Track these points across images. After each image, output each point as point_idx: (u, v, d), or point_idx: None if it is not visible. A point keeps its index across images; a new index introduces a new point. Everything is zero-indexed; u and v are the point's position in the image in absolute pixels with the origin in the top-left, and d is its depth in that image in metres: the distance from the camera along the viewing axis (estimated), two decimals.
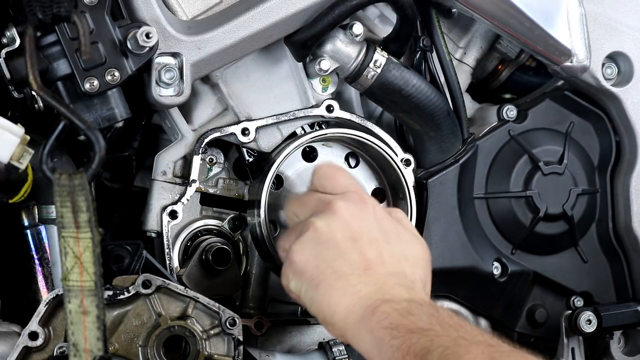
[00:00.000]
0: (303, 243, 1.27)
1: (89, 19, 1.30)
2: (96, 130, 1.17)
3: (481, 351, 1.04)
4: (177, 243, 1.53)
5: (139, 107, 1.45)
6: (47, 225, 1.48)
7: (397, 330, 1.11)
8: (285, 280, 1.29)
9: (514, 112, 1.68)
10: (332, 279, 1.22)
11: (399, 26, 1.52)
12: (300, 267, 1.25)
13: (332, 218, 1.28)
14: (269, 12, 1.42)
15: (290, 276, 1.27)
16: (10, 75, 1.31)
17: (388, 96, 1.53)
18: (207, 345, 1.37)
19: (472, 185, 1.64)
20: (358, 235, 1.26)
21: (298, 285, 1.26)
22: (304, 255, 1.26)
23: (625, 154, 1.70)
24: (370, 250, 1.25)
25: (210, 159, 1.55)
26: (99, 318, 1.16)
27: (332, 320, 1.22)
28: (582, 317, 1.62)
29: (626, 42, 1.66)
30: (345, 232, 1.26)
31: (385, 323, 1.13)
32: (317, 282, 1.23)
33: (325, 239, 1.26)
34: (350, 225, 1.27)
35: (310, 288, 1.23)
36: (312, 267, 1.24)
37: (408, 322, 1.12)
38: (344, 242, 1.25)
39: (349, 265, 1.23)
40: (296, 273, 1.26)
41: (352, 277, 1.22)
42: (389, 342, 1.11)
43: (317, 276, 1.23)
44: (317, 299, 1.23)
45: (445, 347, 1.05)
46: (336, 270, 1.23)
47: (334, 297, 1.21)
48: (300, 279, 1.25)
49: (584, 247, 1.71)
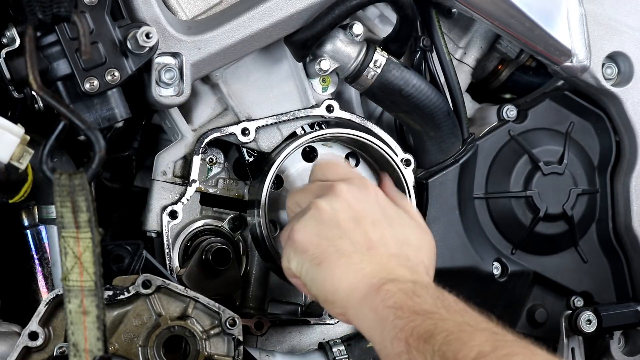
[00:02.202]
0: (305, 222, 1.25)
1: (89, 19, 1.30)
2: (96, 130, 1.17)
3: (485, 338, 1.02)
4: (177, 243, 1.53)
5: (139, 107, 1.45)
6: (47, 225, 1.48)
7: (402, 310, 1.10)
8: (286, 261, 1.27)
9: (514, 112, 1.68)
10: (335, 257, 1.20)
11: (399, 26, 1.52)
12: (302, 246, 1.23)
13: (335, 199, 1.26)
14: (269, 12, 1.42)
15: (291, 255, 1.25)
16: (10, 75, 1.31)
17: (388, 96, 1.53)
18: (207, 345, 1.37)
19: (472, 185, 1.64)
20: (361, 216, 1.25)
21: (299, 264, 1.24)
22: (305, 234, 1.24)
23: (625, 154, 1.70)
24: (373, 232, 1.24)
25: (210, 159, 1.55)
26: (99, 318, 1.16)
27: (333, 298, 1.19)
28: (582, 317, 1.62)
29: (626, 42, 1.66)
30: (348, 213, 1.25)
31: (390, 302, 1.12)
32: (319, 260, 1.21)
33: (327, 218, 1.24)
34: (353, 206, 1.26)
35: (312, 266, 1.21)
36: (314, 246, 1.22)
37: (413, 303, 1.10)
38: (346, 222, 1.24)
39: (352, 244, 1.21)
40: (297, 251, 1.24)
41: (355, 255, 1.20)
42: (393, 321, 1.09)
43: (319, 254, 1.21)
44: (319, 277, 1.20)
45: (449, 332, 1.04)
46: (339, 248, 1.21)
47: (336, 274, 1.19)
48: (301, 258, 1.23)
49: (584, 247, 1.71)
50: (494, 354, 1.00)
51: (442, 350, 1.02)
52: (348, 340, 1.54)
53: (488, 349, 1.00)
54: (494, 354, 1.00)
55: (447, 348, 1.02)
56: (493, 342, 1.02)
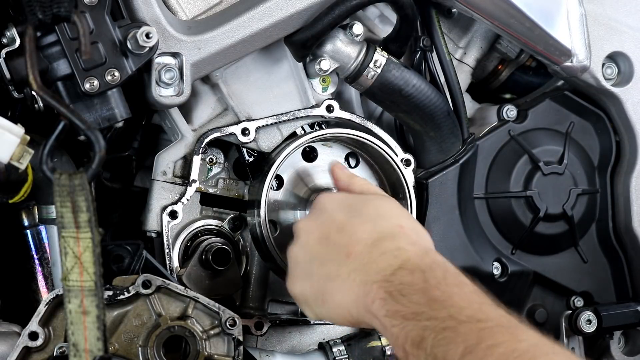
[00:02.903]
0: (291, 275, 1.32)
1: (89, 19, 1.30)
2: (96, 130, 1.17)
3: (469, 330, 1.05)
4: (177, 243, 1.53)
5: (139, 107, 1.45)
6: (47, 225, 1.48)
7: (394, 317, 1.12)
8: (306, 313, 1.33)
9: (514, 112, 1.68)
10: (329, 286, 1.24)
11: (399, 26, 1.52)
12: (302, 297, 1.30)
13: (298, 237, 1.33)
14: (269, 12, 1.42)
15: (304, 309, 1.32)
16: (10, 75, 1.31)
17: (388, 96, 1.53)
18: (207, 346, 1.37)
19: (472, 185, 1.64)
20: (324, 231, 1.28)
21: (312, 313, 1.30)
22: (297, 284, 1.30)
23: (625, 154, 1.70)
24: (341, 238, 1.26)
25: (210, 159, 1.55)
26: (99, 318, 1.16)
27: (351, 320, 1.23)
28: (582, 317, 1.62)
29: (626, 42, 1.66)
30: (313, 238, 1.29)
31: (383, 311, 1.14)
32: (321, 299, 1.25)
33: (302, 257, 1.30)
34: (312, 230, 1.30)
35: (320, 307, 1.27)
36: (309, 290, 1.28)
37: (401, 307, 1.12)
38: (317, 247, 1.28)
39: (334, 262, 1.24)
40: (303, 303, 1.31)
41: (341, 269, 1.22)
42: (390, 330, 1.12)
43: (317, 293, 1.26)
44: (332, 311, 1.25)
45: (436, 332, 1.07)
46: (326, 275, 1.25)
47: (338, 300, 1.22)
48: (309, 307, 1.29)
49: (584, 247, 1.71)
50: (478, 347, 1.02)
51: (434, 353, 1.05)
52: (348, 340, 1.54)
53: (473, 343, 1.03)
54: (479, 347, 1.02)
55: (437, 350, 1.05)
56: (477, 333, 1.04)
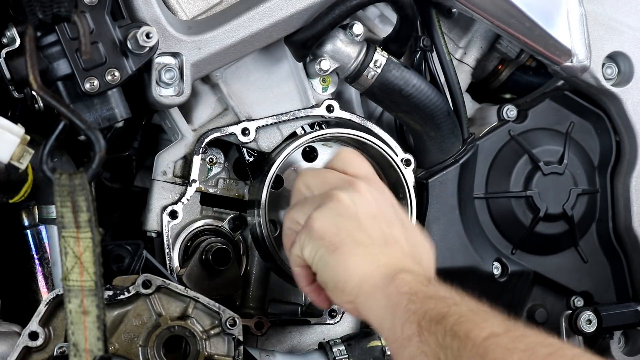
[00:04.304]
0: (325, 211, 1.24)
1: (89, 19, 1.30)
2: (96, 130, 1.17)
3: (498, 322, 1.03)
4: (177, 243, 1.53)
5: (139, 107, 1.45)
6: (47, 225, 1.48)
7: (416, 295, 1.11)
8: (298, 248, 1.25)
9: (514, 112, 1.68)
10: (352, 246, 1.21)
11: (399, 26, 1.52)
12: (319, 233, 1.23)
13: (356, 194, 1.26)
14: (269, 12, 1.42)
15: (305, 242, 1.24)
16: (10, 75, 1.31)
17: (388, 96, 1.53)
18: (207, 345, 1.37)
19: (472, 185, 1.64)
20: (379, 215, 1.26)
21: (313, 250, 1.23)
22: (324, 222, 1.23)
23: (625, 154, 1.70)
24: (389, 230, 1.25)
25: (210, 159, 1.55)
26: (99, 318, 1.16)
27: (344, 286, 1.19)
28: (582, 317, 1.62)
29: (626, 42, 1.66)
30: (367, 209, 1.25)
31: (404, 289, 1.13)
32: (335, 247, 1.21)
33: (347, 211, 1.24)
34: (372, 204, 1.26)
35: (327, 253, 1.21)
36: (332, 234, 1.22)
37: (428, 290, 1.11)
38: (365, 218, 1.24)
39: (369, 237, 1.22)
40: (314, 238, 1.23)
41: (373, 247, 1.21)
42: (406, 306, 1.10)
43: (337, 242, 1.21)
44: (333, 263, 1.21)
45: (461, 314, 1.05)
46: (356, 239, 1.21)
47: (351, 262, 1.19)
48: (317, 244, 1.23)
49: (584, 247, 1.71)
50: (506, 335, 1.01)
51: (454, 330, 1.03)
52: (348, 340, 1.54)
53: (500, 330, 1.01)
54: (507, 335, 1.01)
55: (458, 328, 1.03)
56: (506, 326, 1.03)
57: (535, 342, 1.00)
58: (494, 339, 1.00)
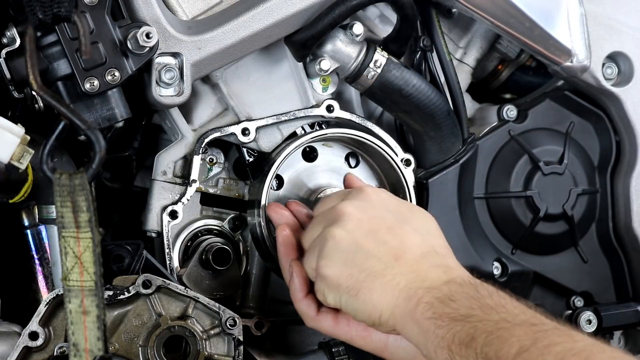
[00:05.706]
0: (328, 256, 1.26)
1: (89, 19, 1.30)
2: (96, 130, 1.17)
3: (524, 332, 1.04)
4: (177, 243, 1.53)
5: (139, 107, 1.45)
6: (47, 225, 1.48)
7: (441, 319, 1.12)
8: (322, 296, 1.28)
9: (514, 112, 1.68)
10: (369, 281, 1.21)
11: (399, 26, 1.52)
12: (334, 281, 1.24)
13: (344, 221, 1.27)
14: (269, 12, 1.42)
15: (325, 292, 1.26)
16: (10, 75, 1.31)
17: (388, 96, 1.53)
18: (207, 345, 1.37)
19: (472, 185, 1.64)
20: (375, 227, 1.26)
21: (337, 298, 1.25)
22: (333, 268, 1.25)
23: (625, 154, 1.70)
24: (392, 239, 1.25)
25: (210, 159, 1.55)
26: (99, 318, 1.16)
27: (379, 321, 1.21)
28: (582, 317, 1.62)
29: (626, 42, 1.66)
30: (363, 230, 1.26)
31: (428, 314, 1.14)
32: (355, 290, 1.22)
33: (346, 244, 1.25)
34: (363, 220, 1.27)
35: (351, 297, 1.23)
36: (345, 277, 1.23)
37: (450, 310, 1.12)
38: (365, 240, 1.25)
39: (380, 261, 1.22)
40: (331, 287, 1.25)
41: (387, 271, 1.21)
42: (434, 332, 1.11)
43: (354, 284, 1.22)
44: (361, 306, 1.22)
45: (488, 333, 1.05)
46: (369, 271, 1.22)
47: (375, 299, 1.20)
48: (337, 292, 1.24)
49: (584, 247, 1.71)
50: (534, 346, 1.01)
51: (484, 351, 1.04)
52: None
53: (528, 343, 1.02)
54: (535, 346, 1.01)
55: (488, 349, 1.04)
56: (532, 335, 1.03)
57: (565, 350, 1.00)
58: (524, 354, 1.01)
